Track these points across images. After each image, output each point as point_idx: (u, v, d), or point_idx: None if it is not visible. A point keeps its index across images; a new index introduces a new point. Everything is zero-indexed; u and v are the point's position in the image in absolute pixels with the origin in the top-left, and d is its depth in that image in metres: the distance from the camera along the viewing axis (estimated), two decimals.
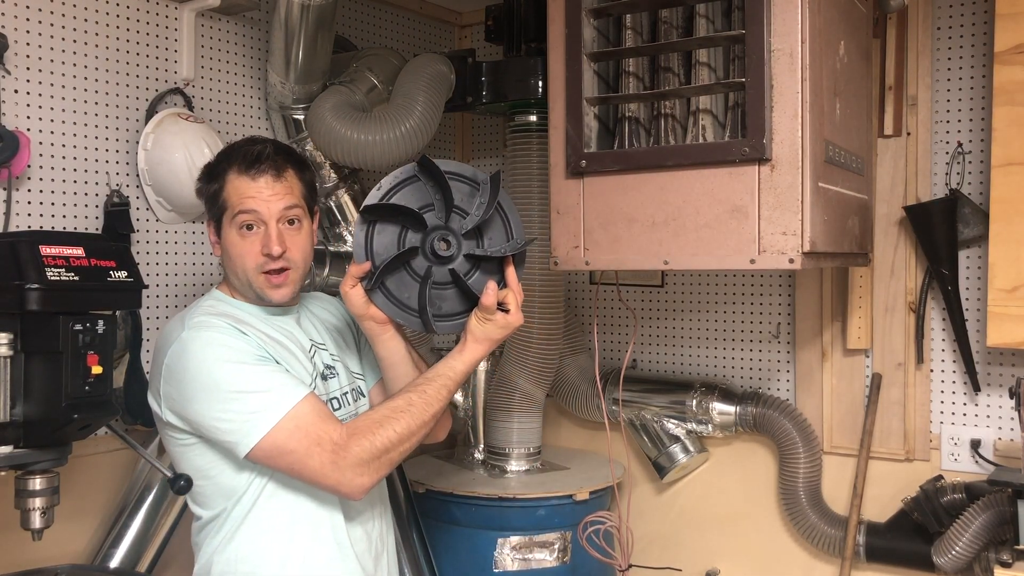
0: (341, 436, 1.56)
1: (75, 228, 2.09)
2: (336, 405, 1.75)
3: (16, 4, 1.99)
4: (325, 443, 1.54)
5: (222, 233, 1.70)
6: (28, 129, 2.00)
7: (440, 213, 1.65)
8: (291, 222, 1.70)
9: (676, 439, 2.70)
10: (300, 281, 1.74)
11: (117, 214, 2.12)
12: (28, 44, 2.01)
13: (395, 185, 1.64)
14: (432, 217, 1.65)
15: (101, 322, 1.53)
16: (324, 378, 1.75)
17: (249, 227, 1.66)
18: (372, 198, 1.63)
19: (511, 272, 1.67)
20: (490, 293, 1.62)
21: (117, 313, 1.96)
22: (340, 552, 1.69)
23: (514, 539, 2.48)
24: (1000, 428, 2.34)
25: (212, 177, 1.72)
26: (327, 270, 2.46)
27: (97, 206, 2.13)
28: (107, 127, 2.16)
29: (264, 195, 1.66)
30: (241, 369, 1.57)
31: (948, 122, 2.39)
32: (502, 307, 1.65)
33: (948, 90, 2.39)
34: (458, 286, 1.66)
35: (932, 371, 2.43)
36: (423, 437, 1.65)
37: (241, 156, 1.69)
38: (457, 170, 1.67)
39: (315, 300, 1.93)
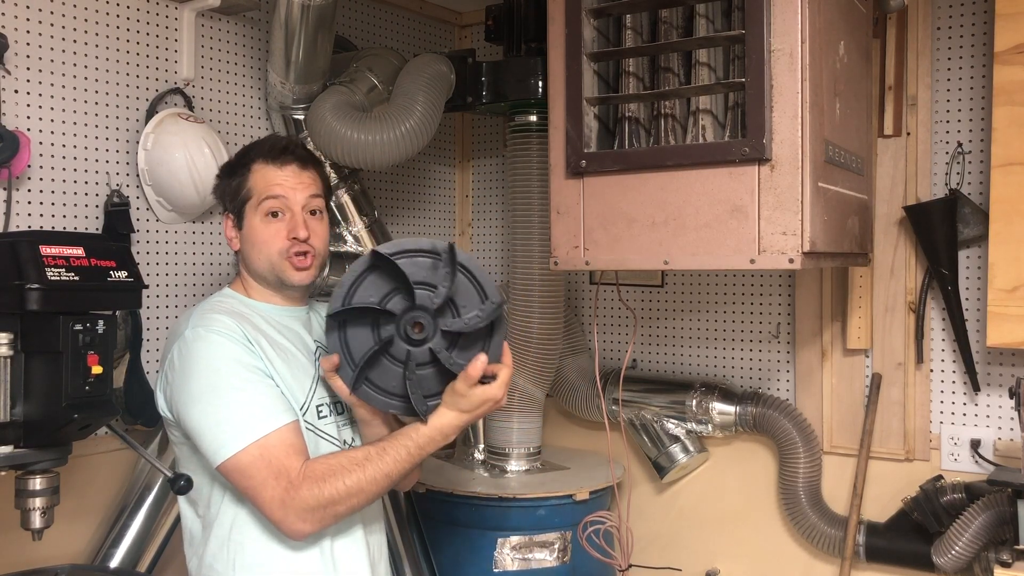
0: (298, 475, 1.54)
1: (75, 228, 2.09)
2: (339, 409, 1.76)
3: (16, 4, 1.99)
4: (282, 478, 1.53)
5: (244, 222, 1.72)
6: (28, 129, 2.00)
7: (408, 295, 1.59)
8: (313, 212, 1.73)
9: (676, 439, 2.70)
10: (320, 269, 1.77)
11: (117, 214, 2.12)
12: (28, 44, 2.01)
13: (355, 280, 1.61)
14: (399, 302, 1.60)
15: (101, 322, 1.53)
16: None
17: (275, 214, 1.69)
18: (336, 300, 1.60)
19: (497, 343, 1.61)
20: (477, 364, 1.57)
21: (117, 313, 1.96)
22: (335, 567, 1.68)
23: (514, 539, 2.48)
24: (1000, 428, 2.34)
25: (234, 171, 1.74)
26: (327, 271, 2.45)
27: (97, 206, 2.13)
28: (107, 127, 2.16)
29: (291, 183, 1.70)
30: (231, 384, 1.57)
31: (948, 122, 2.39)
32: (487, 380, 1.60)
33: (948, 90, 2.39)
34: (436, 365, 1.61)
35: (932, 371, 2.43)
36: (375, 495, 1.62)
37: (267, 147, 1.73)
38: (413, 246, 1.60)
39: (325, 307, 1.93)
